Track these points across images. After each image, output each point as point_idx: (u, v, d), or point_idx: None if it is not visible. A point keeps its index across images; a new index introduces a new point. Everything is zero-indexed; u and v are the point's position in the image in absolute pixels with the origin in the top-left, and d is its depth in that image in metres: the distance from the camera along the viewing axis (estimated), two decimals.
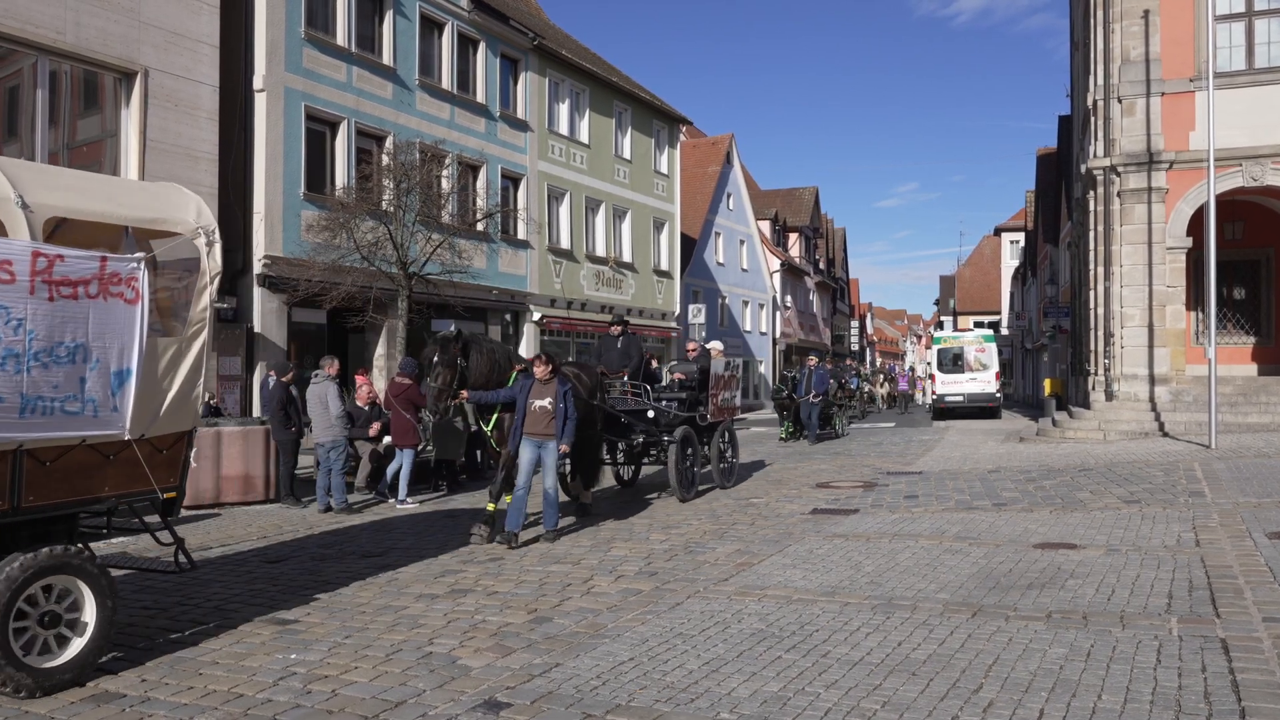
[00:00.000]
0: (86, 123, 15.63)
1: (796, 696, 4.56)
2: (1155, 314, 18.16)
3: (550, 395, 8.81)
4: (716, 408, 12.47)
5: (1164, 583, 6.62)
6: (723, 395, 12.72)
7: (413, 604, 6.64)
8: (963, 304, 69.29)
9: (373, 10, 20.83)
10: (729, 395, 13.06)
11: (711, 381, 12.28)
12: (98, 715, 4.54)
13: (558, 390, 8.83)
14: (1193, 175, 17.71)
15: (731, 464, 13.18)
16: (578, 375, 10.09)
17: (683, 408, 12.03)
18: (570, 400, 8.90)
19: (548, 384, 8.86)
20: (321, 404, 11.43)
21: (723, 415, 12.82)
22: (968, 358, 31.79)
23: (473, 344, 9.15)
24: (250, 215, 17.87)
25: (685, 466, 11.52)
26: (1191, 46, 18.06)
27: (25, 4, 14.14)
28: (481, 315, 23.76)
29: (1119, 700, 4.39)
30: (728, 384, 12.95)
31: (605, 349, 12.32)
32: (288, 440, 12.15)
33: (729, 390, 13.04)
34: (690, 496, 11.63)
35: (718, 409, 12.55)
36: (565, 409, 8.84)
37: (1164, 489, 10.96)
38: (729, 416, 13.19)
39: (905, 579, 7.04)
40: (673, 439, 11.39)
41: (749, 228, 43.97)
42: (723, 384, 12.70)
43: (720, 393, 12.60)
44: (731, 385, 13.16)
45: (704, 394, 12.31)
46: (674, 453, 11.27)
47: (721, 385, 12.63)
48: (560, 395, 8.84)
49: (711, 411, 12.32)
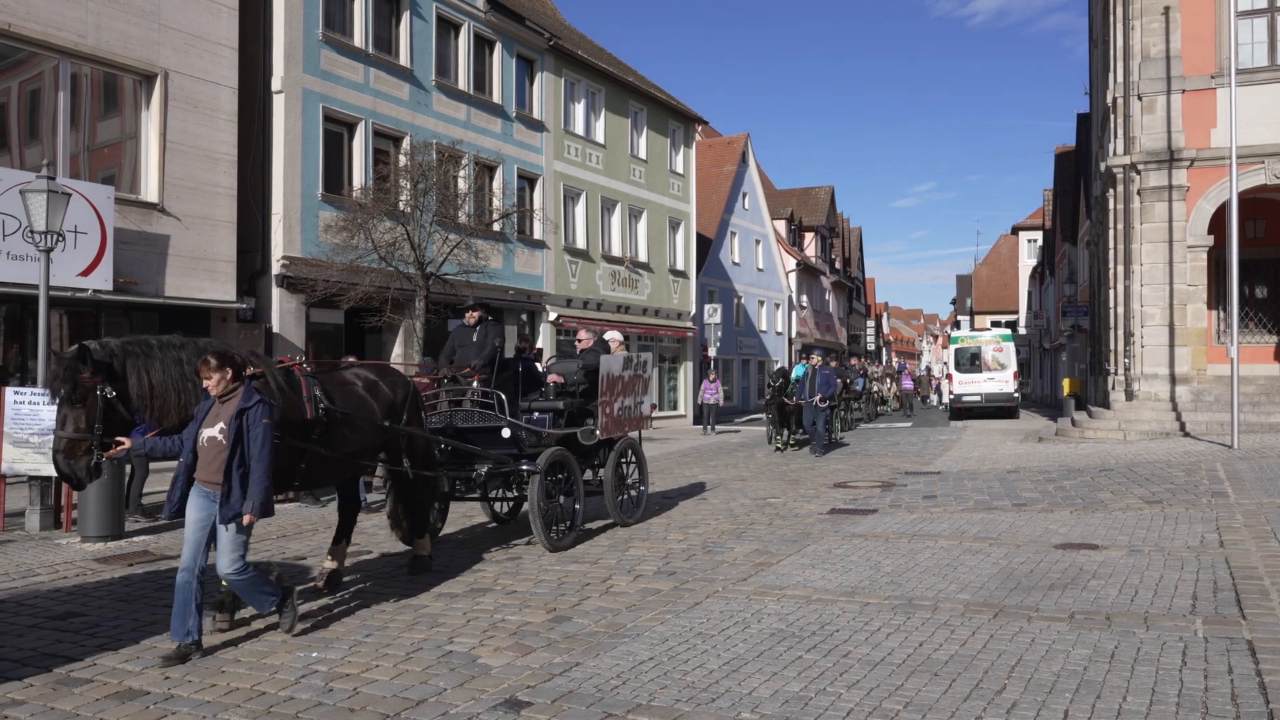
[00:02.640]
0: (107, 125, 15.75)
1: (818, 696, 4.54)
2: (1176, 313, 18.00)
3: (225, 419, 5.49)
4: (611, 419, 9.49)
5: (1188, 584, 6.56)
6: (621, 402, 9.71)
7: (432, 603, 6.65)
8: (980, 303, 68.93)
9: (390, 12, 20.91)
10: (632, 402, 10.00)
11: (603, 385, 9.27)
12: (122, 712, 4.56)
13: (236, 409, 5.46)
14: (1214, 173, 17.54)
15: (639, 493, 10.33)
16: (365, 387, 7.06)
17: (559, 421, 9.23)
18: (261, 429, 5.43)
19: (226, 401, 5.57)
20: None
21: (622, 429, 9.81)
22: (985, 357, 31.63)
23: (133, 355, 5.73)
24: (269, 216, 17.98)
25: (557, 503, 8.77)
26: (1213, 43, 17.89)
27: (48, 7, 14.27)
28: (498, 315, 23.80)
29: (1144, 702, 4.35)
30: (630, 387, 9.90)
31: (460, 342, 9.51)
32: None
33: (632, 395, 9.98)
34: (565, 544, 8.59)
35: (613, 421, 9.54)
36: (249, 443, 5.42)
37: (1186, 489, 10.86)
38: (633, 430, 10.19)
39: (925, 579, 7.00)
40: (533, 468, 8.37)
41: (764, 227, 43.88)
42: (621, 388, 9.71)
43: (617, 399, 9.61)
44: (636, 389, 10.12)
45: (593, 402, 9.41)
46: (534, 487, 8.29)
47: (619, 389, 9.65)
48: (243, 420, 5.43)
49: (604, 425, 9.36)
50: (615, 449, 9.75)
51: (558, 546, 8.50)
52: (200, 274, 16.40)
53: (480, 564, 8.04)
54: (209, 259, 16.58)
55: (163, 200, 15.89)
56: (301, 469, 6.30)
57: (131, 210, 15.33)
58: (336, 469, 6.81)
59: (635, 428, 10.22)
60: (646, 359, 10.44)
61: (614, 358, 9.74)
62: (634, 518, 10.01)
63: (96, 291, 14.34)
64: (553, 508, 8.68)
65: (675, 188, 32.26)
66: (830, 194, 56.00)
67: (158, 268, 15.75)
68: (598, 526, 9.89)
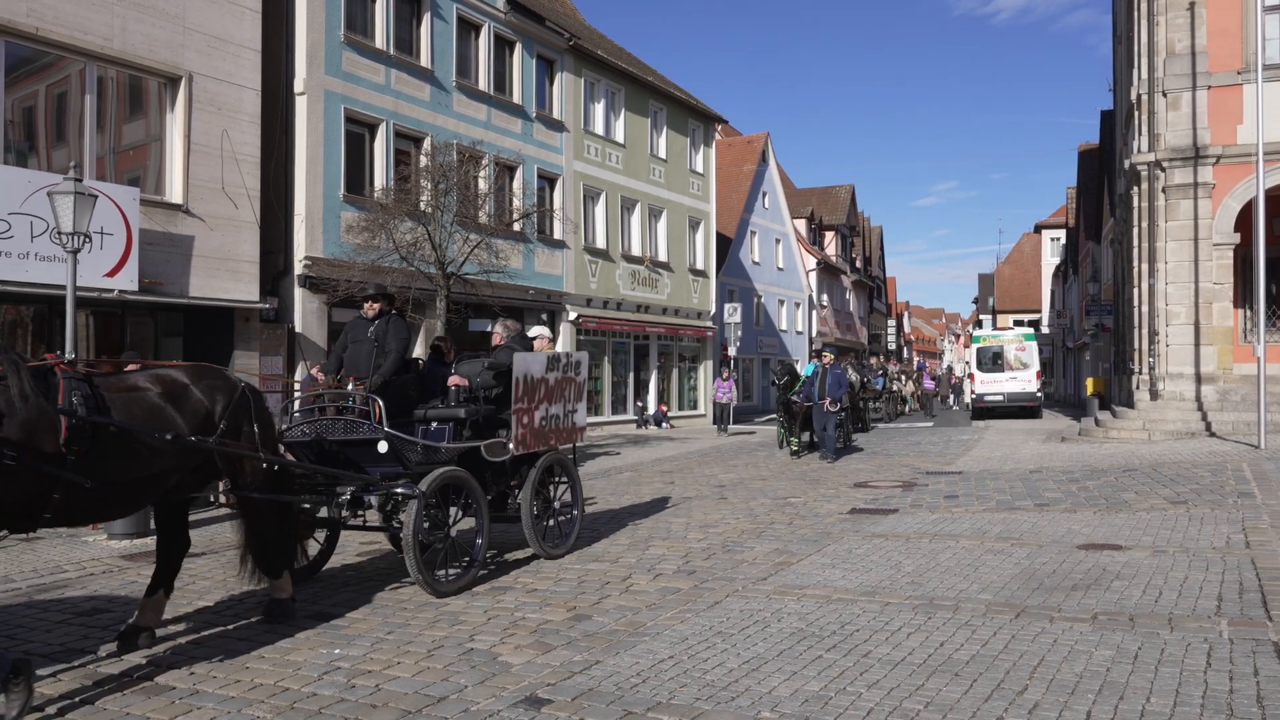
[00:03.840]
0: (132, 127, 15.93)
1: (838, 696, 4.54)
2: (1201, 311, 17.81)
3: None
4: (530, 430, 7.90)
5: (1213, 585, 6.50)
6: (546, 410, 8.15)
7: (453, 600, 6.69)
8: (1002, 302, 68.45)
9: (411, 13, 21.02)
10: (560, 410, 8.38)
11: (517, 389, 7.70)
12: (148, 707, 4.63)
13: None
14: (1240, 170, 17.34)
15: (570, 518, 8.66)
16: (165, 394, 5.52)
17: (460, 433, 7.63)
18: None
19: None
20: None
21: (545, 442, 8.18)
22: (1007, 356, 31.40)
23: None
24: (291, 217, 18.14)
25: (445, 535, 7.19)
26: (1239, 38, 17.68)
27: (75, 12, 14.45)
28: (518, 315, 23.86)
29: (1168, 703, 4.31)
30: (556, 393, 8.29)
31: (354, 338, 7.85)
32: None
33: (560, 402, 8.37)
34: (453, 588, 6.90)
35: (533, 432, 7.94)
36: None
37: (1212, 490, 10.75)
38: (563, 443, 8.53)
39: (946, 579, 6.97)
40: (410, 491, 6.79)
41: (784, 226, 43.78)
42: (545, 393, 8.12)
43: (539, 406, 8.04)
44: (565, 395, 8.45)
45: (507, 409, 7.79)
46: (411, 515, 6.68)
47: (542, 395, 8.08)
48: None
49: (519, 437, 7.76)
50: (537, 466, 8.09)
51: (445, 590, 6.79)
52: (224, 274, 16.56)
53: (501, 562, 8.08)
54: (232, 259, 16.73)
55: (187, 201, 16.05)
56: (54, 500, 4.78)
57: (156, 211, 15.50)
58: (119, 500, 5.34)
59: (564, 441, 8.55)
60: (580, 359, 8.76)
61: (532, 356, 8.12)
62: (562, 549, 8.28)
63: (122, 292, 14.51)
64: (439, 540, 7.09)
65: (695, 187, 32.24)
66: (851, 193, 55.79)
67: (182, 268, 15.91)
68: (618, 526, 9.90)
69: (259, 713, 4.52)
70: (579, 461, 9.40)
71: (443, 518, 7.21)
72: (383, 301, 7.87)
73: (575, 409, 8.66)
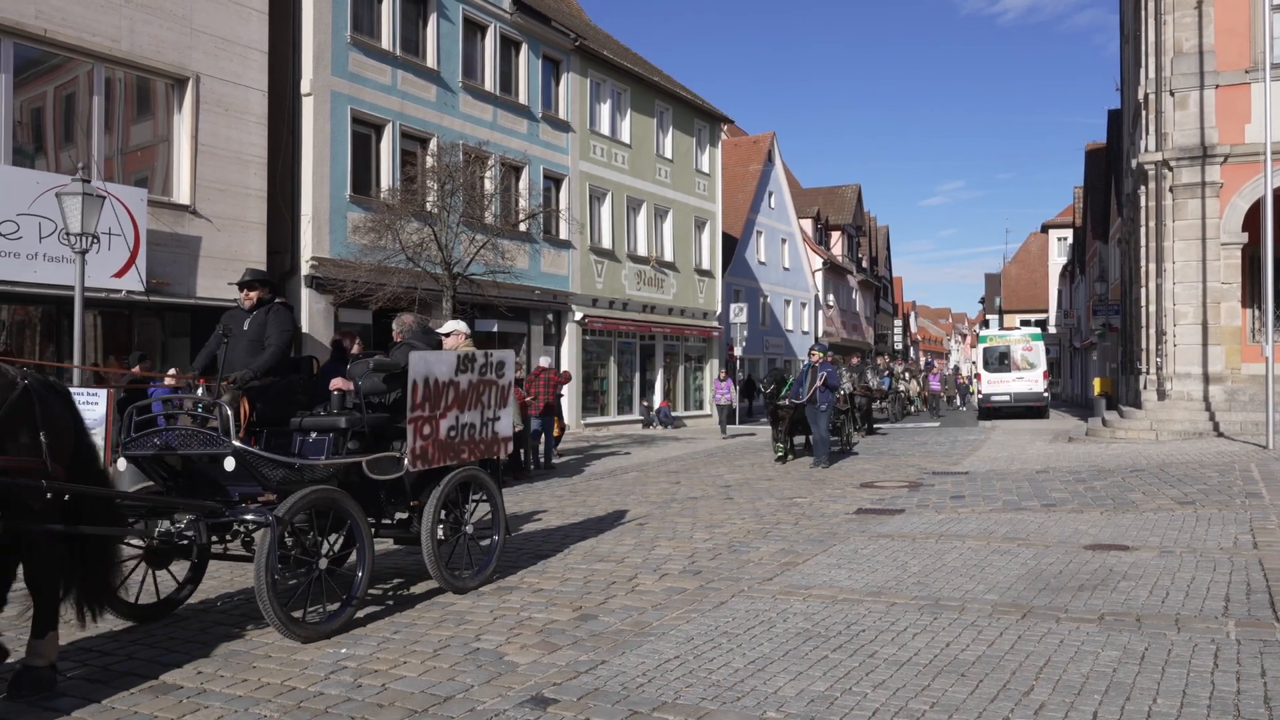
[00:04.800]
0: (140, 128, 15.99)
1: (843, 696, 4.54)
2: (1209, 311, 17.76)
3: None
4: (433, 443, 6.68)
5: (1220, 585, 6.48)
6: (456, 419, 6.90)
7: (459, 600, 6.70)
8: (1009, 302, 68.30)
9: (417, 14, 21.06)
10: (476, 419, 7.13)
11: (415, 394, 6.49)
12: (156, 706, 4.64)
13: None
14: (1248, 169, 17.29)
15: (490, 544, 7.42)
16: None
17: (341, 445, 6.34)
18: None
19: None
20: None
21: (454, 456, 6.92)
22: (1014, 356, 31.35)
23: None
24: (298, 217, 18.19)
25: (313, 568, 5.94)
26: (1247, 37, 17.63)
27: (83, 14, 14.51)
28: (524, 315, 23.92)
29: (1175, 704, 4.30)
30: (470, 399, 7.03)
31: (230, 327, 6.67)
32: None
33: (476, 409, 7.11)
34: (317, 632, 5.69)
35: (437, 445, 6.72)
36: None
37: (1219, 490, 10.71)
38: (479, 456, 7.24)
39: (953, 579, 6.96)
40: (261, 519, 5.65)
41: (791, 226, 43.74)
42: (455, 398, 6.87)
43: (448, 414, 6.81)
44: (484, 400, 7.20)
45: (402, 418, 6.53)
46: (264, 547, 5.50)
47: (451, 401, 6.83)
48: None
49: (418, 451, 6.55)
50: (443, 484, 6.79)
51: (310, 635, 5.62)
52: (231, 275, 16.56)
53: (506, 562, 8.09)
54: (240, 260, 16.75)
55: (194, 202, 16.10)
56: None
57: (164, 212, 15.56)
58: None
59: (482, 454, 7.27)
60: (503, 358, 7.45)
61: (436, 356, 6.91)
62: (476, 580, 7.04)
63: (130, 292, 14.57)
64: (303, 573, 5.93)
65: (701, 187, 32.24)
66: (857, 193, 55.71)
67: (189, 269, 15.96)
68: (624, 525, 9.91)
69: (266, 711, 4.53)
70: (584, 462, 9.22)
71: (316, 546, 5.97)
72: (262, 289, 6.74)
73: (497, 417, 7.40)
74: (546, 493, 12.96)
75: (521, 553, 8.50)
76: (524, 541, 9.09)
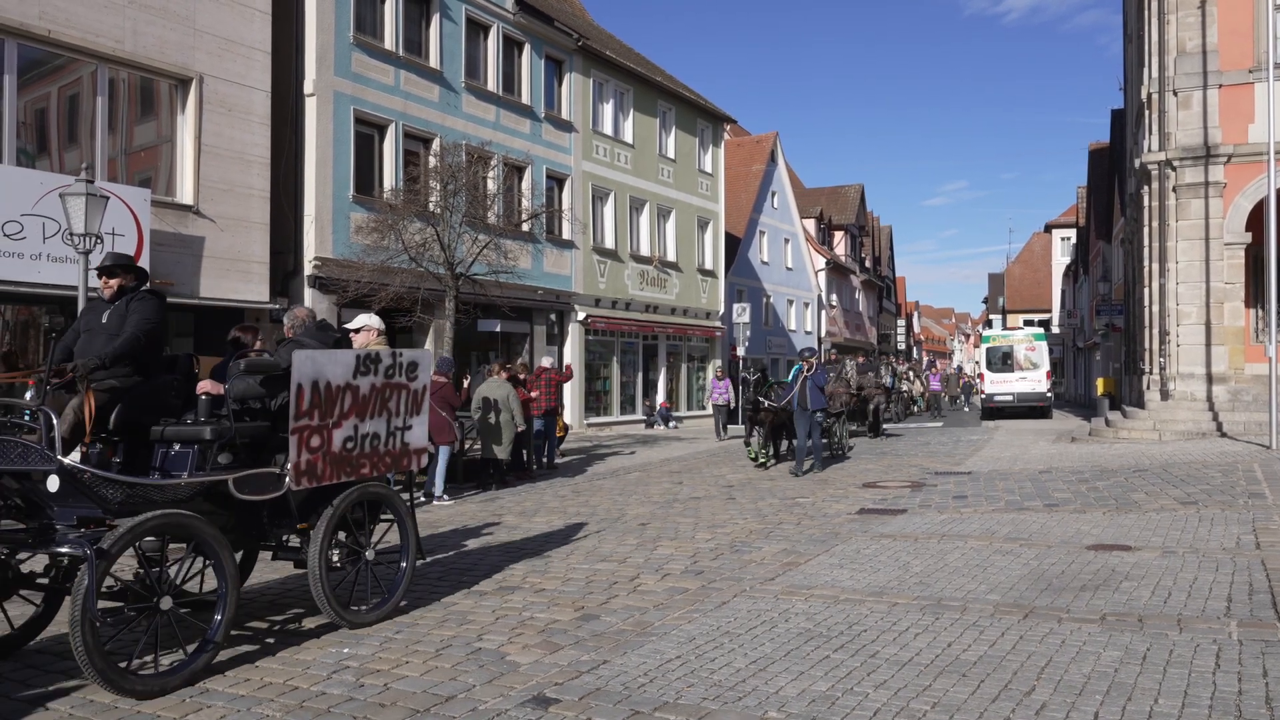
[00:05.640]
0: (143, 128, 16.02)
1: (845, 696, 4.54)
2: (1213, 311, 17.74)
3: None
4: (325, 458, 5.73)
5: (1223, 585, 6.47)
6: (356, 428, 5.93)
7: (461, 600, 6.71)
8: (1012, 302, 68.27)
9: (420, 14, 21.08)
10: (381, 428, 6.12)
11: (301, 400, 5.55)
12: (158, 706, 4.65)
13: None
14: (1252, 169, 17.27)
15: (399, 571, 6.39)
16: None
17: (210, 459, 5.44)
18: None
19: None
20: None
21: (352, 472, 5.96)
22: (1017, 356, 31.32)
23: None
24: (301, 217, 18.22)
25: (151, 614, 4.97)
26: (1250, 36, 17.61)
27: (86, 15, 14.54)
28: (527, 315, 23.94)
29: (1176, 705, 4.30)
30: (370, 404, 6.02)
31: (87, 325, 5.85)
32: None
33: (376, 417, 6.06)
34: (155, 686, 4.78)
35: (328, 461, 5.75)
36: None
37: (1222, 490, 10.70)
38: (383, 472, 6.24)
39: (955, 580, 6.96)
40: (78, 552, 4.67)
41: (794, 226, 43.71)
42: (351, 404, 5.87)
43: (344, 423, 5.83)
44: (386, 406, 6.15)
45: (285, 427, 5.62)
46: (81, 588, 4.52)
47: (347, 407, 5.84)
48: None
49: (305, 466, 5.61)
50: (336, 505, 5.85)
51: (146, 691, 4.72)
52: (234, 275, 16.64)
53: (509, 562, 8.10)
54: (243, 260, 16.81)
55: (197, 202, 16.13)
56: None
57: (167, 212, 15.58)
58: None
59: (389, 468, 6.27)
60: (416, 358, 6.38)
61: (328, 356, 5.81)
62: (376, 614, 6.06)
63: None
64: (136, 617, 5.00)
65: (704, 187, 32.24)
66: (860, 192, 55.68)
67: (193, 269, 15.99)
68: (626, 525, 9.91)
69: (268, 711, 4.54)
70: (587, 462, 8.98)
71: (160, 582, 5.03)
72: (125, 275, 5.85)
73: (409, 425, 6.34)
74: (549, 492, 12.97)
75: (524, 553, 8.51)
76: (526, 541, 9.10)
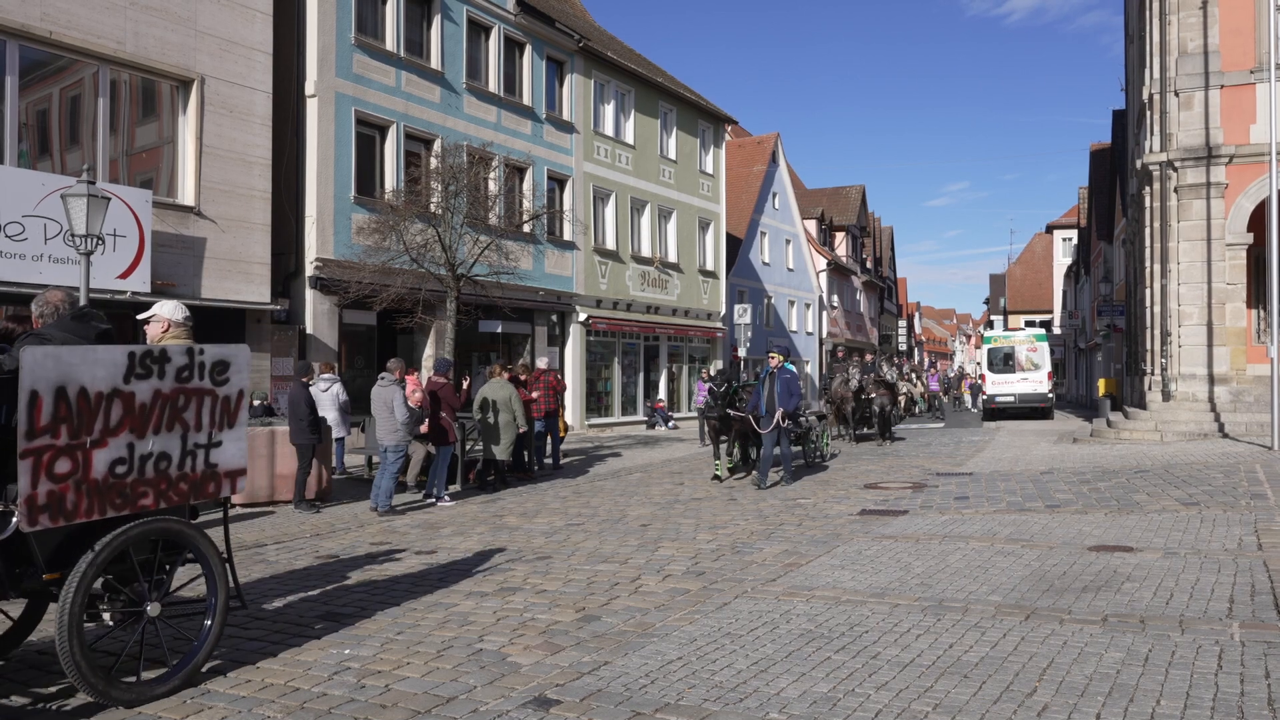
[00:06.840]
0: (145, 129, 16.03)
1: (846, 697, 4.54)
2: (1214, 312, 17.72)
3: None
4: (78, 487, 4.48)
5: (1225, 586, 6.47)
6: (121, 447, 4.67)
7: (462, 601, 6.71)
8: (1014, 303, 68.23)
9: (421, 15, 21.09)
10: (165, 445, 4.87)
11: (38, 412, 4.30)
12: (160, 707, 4.65)
13: None
14: (1254, 170, 17.26)
15: (204, 629, 5.04)
16: None
17: None
18: None
19: None
20: (387, 407, 11.43)
21: (118, 505, 4.66)
22: (1019, 357, 31.30)
23: None
24: (302, 218, 18.23)
25: None
26: (1252, 37, 17.60)
27: (88, 16, 14.55)
28: (528, 316, 23.94)
29: (1178, 706, 4.30)
30: (153, 414, 4.80)
31: None
32: (306, 444, 11.85)
33: (164, 431, 4.87)
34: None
35: (85, 491, 4.51)
36: None
37: (1224, 491, 10.69)
38: (176, 502, 4.96)
39: (956, 581, 6.95)
40: None
41: (795, 227, 43.71)
42: (122, 415, 4.66)
43: (105, 442, 4.58)
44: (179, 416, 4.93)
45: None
46: None
47: (116, 419, 4.63)
48: None
49: (36, 498, 4.31)
50: (98, 548, 4.55)
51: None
52: (235, 276, 16.64)
53: (510, 563, 8.10)
54: (244, 261, 16.82)
55: (199, 204, 16.14)
56: None
57: (169, 213, 15.59)
58: None
59: (185, 497, 5.02)
60: (226, 356, 5.16)
61: (83, 355, 4.51)
62: (167, 685, 4.78)
63: (135, 294, 14.59)
64: None
65: (705, 188, 32.24)
66: (861, 193, 55.67)
67: (194, 270, 16.00)
68: (627, 527, 9.91)
69: (269, 712, 4.54)
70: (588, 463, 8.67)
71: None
72: None
73: (217, 441, 5.12)
74: (550, 493, 12.97)
75: (525, 554, 8.51)
76: (527, 542, 9.10)
